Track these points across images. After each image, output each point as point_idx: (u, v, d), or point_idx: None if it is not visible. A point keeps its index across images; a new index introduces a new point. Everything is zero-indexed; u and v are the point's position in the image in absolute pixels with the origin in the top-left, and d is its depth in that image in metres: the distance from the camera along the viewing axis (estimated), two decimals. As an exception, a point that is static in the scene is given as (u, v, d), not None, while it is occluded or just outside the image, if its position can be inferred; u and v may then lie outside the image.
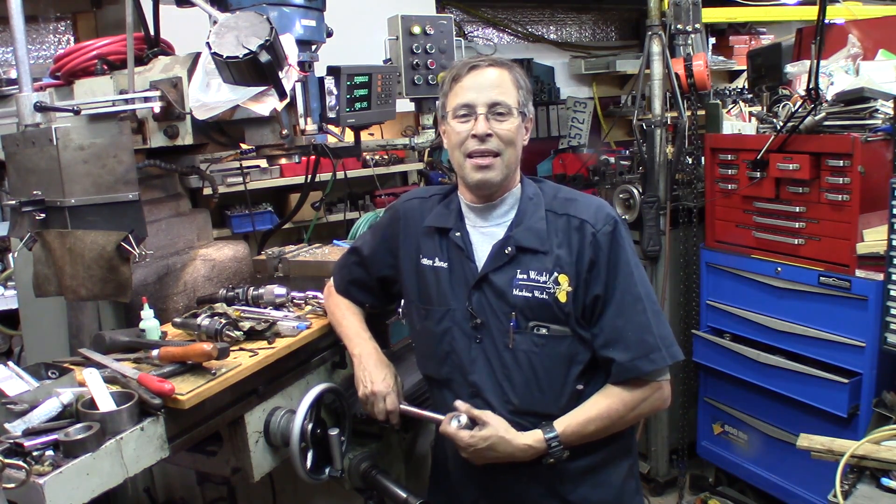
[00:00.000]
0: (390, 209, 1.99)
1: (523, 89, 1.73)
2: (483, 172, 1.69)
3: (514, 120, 1.69)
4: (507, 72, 1.72)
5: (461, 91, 1.70)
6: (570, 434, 1.65)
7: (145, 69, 2.22)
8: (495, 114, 1.68)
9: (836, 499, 1.90)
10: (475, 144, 1.68)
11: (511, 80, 1.71)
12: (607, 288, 1.67)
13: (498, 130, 1.67)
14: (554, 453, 1.65)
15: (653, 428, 3.93)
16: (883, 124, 2.92)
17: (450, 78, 1.74)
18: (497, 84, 1.69)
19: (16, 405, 1.49)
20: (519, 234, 1.71)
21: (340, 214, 4.48)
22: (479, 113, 1.67)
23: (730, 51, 6.36)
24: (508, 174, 1.72)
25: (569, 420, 1.66)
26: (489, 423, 1.66)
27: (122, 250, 1.91)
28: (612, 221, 1.70)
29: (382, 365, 1.87)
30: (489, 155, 1.68)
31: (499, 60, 1.74)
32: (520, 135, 1.72)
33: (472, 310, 1.73)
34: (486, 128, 1.66)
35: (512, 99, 1.70)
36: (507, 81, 1.71)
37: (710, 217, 3.62)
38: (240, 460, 1.86)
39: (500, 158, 1.69)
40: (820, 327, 3.08)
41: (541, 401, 1.68)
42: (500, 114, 1.68)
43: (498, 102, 1.68)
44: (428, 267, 1.81)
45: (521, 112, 1.71)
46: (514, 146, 1.70)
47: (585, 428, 1.66)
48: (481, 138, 1.67)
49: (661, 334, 1.67)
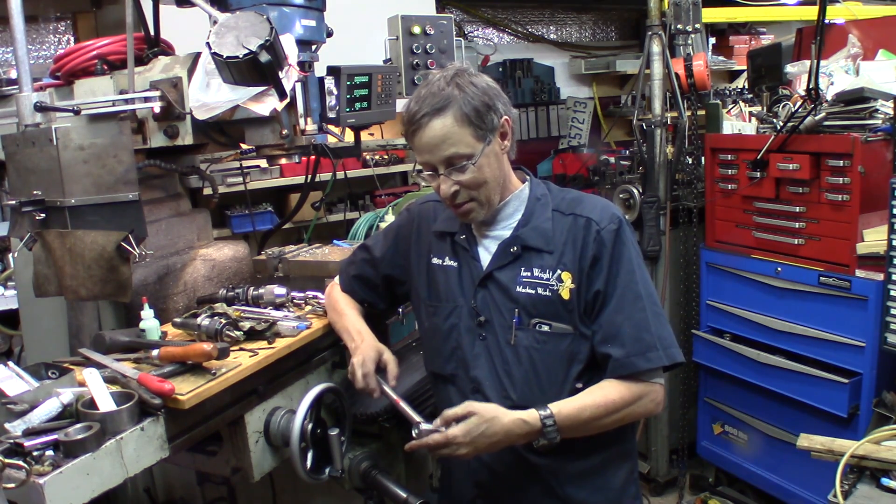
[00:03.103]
0: (406, 211, 2.00)
1: (476, 114, 1.62)
2: (466, 217, 1.73)
3: (476, 164, 1.64)
4: (451, 112, 1.61)
5: (416, 150, 1.69)
6: (565, 416, 1.61)
7: (145, 69, 2.22)
8: (455, 168, 1.65)
9: (836, 499, 1.90)
10: (448, 202, 1.71)
11: (457, 121, 1.61)
12: (608, 284, 1.67)
13: (462, 182, 1.66)
14: (548, 433, 1.60)
15: (653, 428, 3.93)
16: (883, 124, 2.92)
17: (405, 125, 1.69)
18: (442, 138, 1.62)
19: (16, 405, 1.49)
20: (525, 234, 1.73)
21: (340, 214, 4.48)
22: (440, 173, 1.66)
23: (730, 51, 6.37)
24: (492, 204, 1.73)
25: (563, 403, 1.64)
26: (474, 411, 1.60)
27: (122, 250, 1.91)
28: (616, 220, 1.70)
29: (372, 345, 1.86)
30: (463, 204, 1.70)
31: (438, 105, 1.61)
32: (491, 162, 1.67)
33: (477, 307, 1.75)
34: (448, 188, 1.66)
35: (465, 144, 1.62)
36: (451, 129, 1.61)
37: (710, 217, 3.62)
38: (240, 460, 1.86)
39: (475, 202, 1.70)
40: (820, 327, 3.08)
41: (539, 398, 1.67)
42: (458, 167, 1.64)
43: (451, 158, 1.64)
44: (438, 266, 1.83)
45: (486, 140, 1.65)
46: (485, 184, 1.68)
47: (580, 413, 1.62)
48: (449, 197, 1.68)
49: (660, 335, 1.66)
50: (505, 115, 1.68)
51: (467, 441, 1.59)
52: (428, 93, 1.64)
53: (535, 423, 1.61)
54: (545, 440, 1.62)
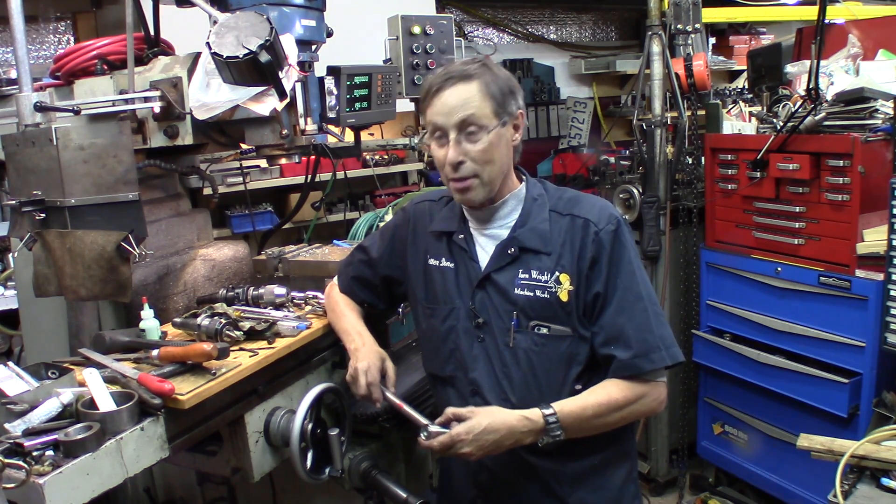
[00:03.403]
0: (402, 211, 2.00)
1: (500, 94, 1.65)
2: (463, 194, 1.70)
3: (488, 136, 1.64)
4: (477, 82, 1.63)
5: (431, 112, 1.66)
6: (567, 413, 1.62)
7: (145, 69, 2.22)
8: (467, 134, 1.64)
9: (836, 499, 1.90)
10: (450, 172, 1.67)
11: (481, 92, 1.63)
12: (608, 286, 1.67)
13: (471, 152, 1.64)
14: (551, 429, 1.61)
15: (653, 428, 3.93)
16: (883, 124, 2.92)
17: (423, 93, 1.69)
18: (463, 101, 1.62)
19: (16, 405, 1.49)
20: (522, 235, 1.72)
21: (340, 214, 4.48)
22: (450, 137, 1.64)
23: (730, 51, 6.36)
24: (493, 188, 1.71)
25: (566, 402, 1.65)
26: (477, 413, 1.63)
27: (122, 250, 1.91)
28: (615, 221, 1.70)
29: (373, 351, 1.86)
30: (466, 178, 1.67)
31: (467, 72, 1.64)
32: (501, 145, 1.67)
33: (475, 309, 1.74)
34: (456, 155, 1.64)
35: (484, 113, 1.63)
36: (475, 95, 1.63)
37: (710, 217, 3.62)
38: (240, 460, 1.86)
39: (477, 179, 1.67)
40: (820, 327, 3.08)
41: (539, 400, 1.67)
42: (471, 133, 1.63)
43: (466, 121, 1.63)
44: (435, 267, 1.82)
45: (502, 120, 1.65)
46: (491, 163, 1.66)
47: (583, 412, 1.63)
48: (454, 166, 1.65)
49: (662, 335, 1.67)
50: (521, 109, 1.70)
51: (471, 438, 1.59)
52: (456, 66, 1.68)
53: (538, 419, 1.61)
54: (548, 438, 1.62)
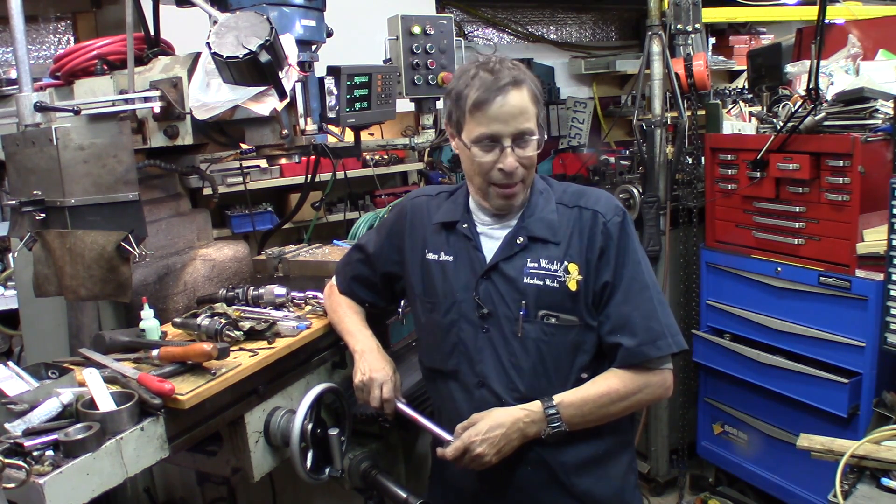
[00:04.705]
0: (397, 206, 2.00)
1: (540, 99, 1.67)
2: (509, 200, 1.71)
3: (535, 141, 1.66)
4: (527, 89, 1.64)
5: (485, 120, 1.62)
6: (568, 404, 1.65)
7: (145, 69, 2.22)
8: (519, 144, 1.65)
9: (836, 499, 1.90)
10: (501, 178, 1.67)
11: (531, 99, 1.64)
12: (615, 275, 1.69)
13: (523, 158, 1.66)
14: (552, 420, 1.64)
15: (653, 428, 3.93)
16: (883, 124, 2.92)
17: (471, 100, 1.63)
18: (521, 110, 1.62)
19: (16, 405, 1.49)
20: (531, 224, 1.73)
21: (340, 214, 4.48)
22: (505, 146, 1.64)
23: (730, 51, 6.36)
24: (529, 190, 1.74)
25: (565, 394, 1.67)
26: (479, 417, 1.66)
27: (122, 250, 1.91)
28: (620, 212, 1.74)
29: (383, 358, 1.88)
30: (515, 184, 1.68)
31: (517, 77, 1.63)
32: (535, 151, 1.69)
33: (479, 299, 1.74)
34: (514, 163, 1.64)
35: (534, 121, 1.65)
36: (528, 104, 1.63)
37: (710, 217, 3.62)
38: (240, 460, 1.86)
39: (522, 183, 1.70)
40: (820, 327, 3.08)
41: (547, 388, 1.69)
42: (525, 140, 1.65)
43: (524, 132, 1.64)
44: (433, 261, 1.82)
45: (539, 125, 1.67)
46: (532, 168, 1.70)
47: (584, 402, 1.66)
48: (510, 173, 1.65)
49: (667, 323, 1.70)
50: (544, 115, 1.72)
51: (481, 438, 1.62)
52: (500, 65, 1.65)
53: (538, 410, 1.64)
54: (550, 429, 1.65)
